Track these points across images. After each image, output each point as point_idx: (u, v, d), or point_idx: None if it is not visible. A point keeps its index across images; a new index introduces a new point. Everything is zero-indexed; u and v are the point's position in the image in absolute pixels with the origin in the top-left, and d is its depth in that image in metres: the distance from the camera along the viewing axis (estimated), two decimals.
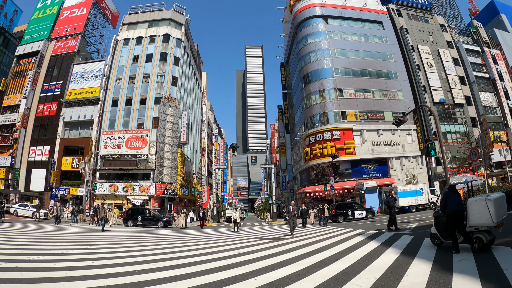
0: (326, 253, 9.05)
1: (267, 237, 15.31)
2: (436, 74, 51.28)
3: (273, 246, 11.29)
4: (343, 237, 13.37)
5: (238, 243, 12.76)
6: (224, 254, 9.55)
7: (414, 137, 45.99)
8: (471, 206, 7.79)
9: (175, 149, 42.72)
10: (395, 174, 43.21)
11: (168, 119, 43.02)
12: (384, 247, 9.51)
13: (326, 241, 12.30)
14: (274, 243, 12.25)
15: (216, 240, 14.48)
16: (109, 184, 42.23)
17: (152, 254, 9.72)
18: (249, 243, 12.79)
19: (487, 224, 7.47)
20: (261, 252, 9.77)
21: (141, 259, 8.72)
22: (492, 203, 7.36)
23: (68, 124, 48.60)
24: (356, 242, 11.17)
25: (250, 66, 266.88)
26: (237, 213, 21.91)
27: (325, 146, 41.65)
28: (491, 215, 7.33)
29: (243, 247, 11.30)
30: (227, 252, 10.11)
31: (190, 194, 49.57)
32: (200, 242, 13.56)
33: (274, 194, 44.11)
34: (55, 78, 52.03)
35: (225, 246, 11.89)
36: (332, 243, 11.53)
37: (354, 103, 45.49)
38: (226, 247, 11.41)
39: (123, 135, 43.22)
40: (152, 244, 12.71)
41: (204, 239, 15.43)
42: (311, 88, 47.33)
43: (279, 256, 8.93)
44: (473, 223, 7.73)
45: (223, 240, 14.70)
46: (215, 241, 13.97)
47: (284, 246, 11.10)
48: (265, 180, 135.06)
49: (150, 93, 46.04)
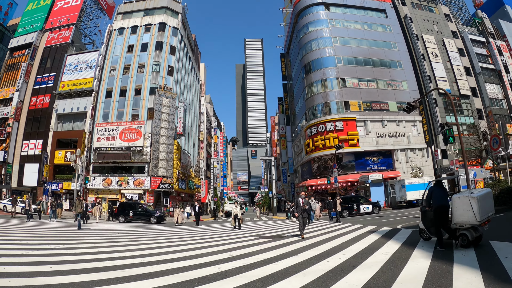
0: (339, 257, 7.38)
1: (266, 235, 13.64)
2: (441, 64, 49.97)
3: (274, 247, 9.61)
4: (354, 235, 11.71)
5: (232, 243, 11.10)
6: (212, 258, 7.88)
7: (420, 129, 44.39)
8: (455, 203, 7.62)
9: (171, 141, 41.00)
10: (400, 166, 41.61)
11: (163, 110, 41.29)
12: (408, 249, 7.86)
13: (335, 240, 10.63)
14: (275, 243, 10.58)
15: (209, 239, 12.82)
16: (103, 178, 40.62)
17: (124, 257, 8.00)
18: (245, 242, 11.11)
19: (470, 222, 7.31)
20: (258, 256, 8.08)
21: (105, 264, 7.03)
22: (476, 201, 7.16)
23: (61, 116, 47.03)
24: (371, 242, 9.51)
25: (250, 59, 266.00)
26: (238, 207, 18.94)
27: (327, 137, 39.92)
28: (474, 213, 7.14)
29: (237, 248, 9.63)
30: (217, 255, 8.43)
31: (188, 188, 47.91)
32: (189, 242, 11.89)
33: (274, 187, 42.49)
34: (48, 69, 50.43)
35: (217, 246, 10.20)
36: (342, 243, 9.87)
37: (358, 93, 43.75)
38: (218, 248, 9.74)
39: (117, 127, 41.53)
40: (132, 243, 11.06)
41: (194, 237, 13.76)
42: (312, 77, 45.52)
43: (280, 261, 7.26)
44: (457, 220, 7.56)
45: (216, 239, 13.04)
46: (207, 240, 12.31)
47: (287, 247, 9.43)
48: (265, 174, 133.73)
49: (145, 83, 44.27)
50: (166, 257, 8.13)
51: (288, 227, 17.74)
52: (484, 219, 7.29)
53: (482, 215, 7.16)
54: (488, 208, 7.53)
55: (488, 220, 7.51)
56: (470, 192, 7.64)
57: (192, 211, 33.30)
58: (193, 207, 21.91)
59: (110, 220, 27.55)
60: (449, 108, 47.61)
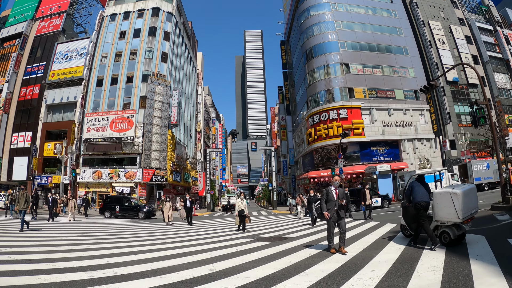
0: (368, 279, 5.07)
1: (265, 236, 11.36)
2: (448, 51, 48.17)
3: (273, 256, 7.33)
4: (374, 238, 9.41)
5: (219, 248, 8.78)
6: (186, 275, 5.58)
7: (427, 118, 42.15)
8: (436, 199, 7.26)
9: (165, 131, 38.66)
10: (407, 157, 39.37)
11: (156, 98, 38.92)
12: (461, 260, 5.56)
13: (353, 246, 8.32)
14: (275, 249, 8.28)
15: (193, 240, 10.55)
16: (93, 170, 38.45)
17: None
18: (236, 247, 8.79)
19: (452, 220, 6.94)
20: (249, 272, 5.77)
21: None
22: (458, 197, 6.78)
23: (51, 107, 44.91)
24: (402, 250, 7.20)
25: (249, 51, 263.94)
26: (243, 200, 14.10)
27: (330, 126, 37.55)
28: (456, 210, 6.78)
29: (223, 258, 7.28)
30: (192, 269, 6.12)
31: (183, 180, 45.65)
32: (165, 246, 9.61)
33: (274, 180, 40.26)
34: (38, 59, 48.37)
35: (197, 254, 7.84)
36: (364, 251, 7.57)
37: (362, 79, 41.34)
38: (197, 257, 7.39)
39: (108, 117, 39.22)
40: (76, 255, 8.78)
41: (174, 239, 11.48)
42: (314, 63, 43.04)
43: (280, 283, 4.95)
44: (439, 217, 7.21)
45: (202, 240, 10.75)
46: (190, 243, 10.04)
47: (291, 257, 7.15)
48: (265, 167, 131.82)
49: (137, 70, 41.89)
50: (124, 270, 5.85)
51: (291, 224, 15.50)
52: (467, 217, 6.88)
53: (464, 212, 6.75)
54: (471, 205, 7.09)
55: (471, 218, 7.11)
56: (452, 188, 7.19)
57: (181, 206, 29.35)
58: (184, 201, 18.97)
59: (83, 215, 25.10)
60: (456, 97, 46.19)
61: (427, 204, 7.28)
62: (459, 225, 7.05)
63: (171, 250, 8.61)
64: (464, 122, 45.58)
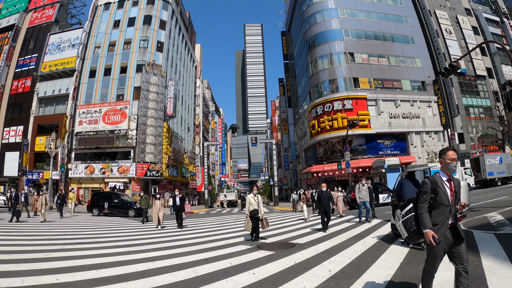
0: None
1: (267, 241, 9.49)
2: (455, 42, 46.67)
3: (280, 277, 5.45)
4: (399, 249, 7.54)
5: (206, 261, 6.82)
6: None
7: (435, 110, 40.34)
8: None
9: (160, 123, 36.75)
10: (415, 151, 37.55)
11: (151, 89, 36.96)
12: None
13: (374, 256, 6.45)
14: (281, 264, 6.39)
15: (175, 248, 8.69)
16: (85, 165, 36.62)
17: None
18: (229, 260, 6.84)
19: None
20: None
21: None
22: None
23: (43, 100, 43.19)
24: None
25: (249, 45, 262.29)
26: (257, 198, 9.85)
27: (335, 117, 35.61)
28: None
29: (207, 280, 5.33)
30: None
31: (180, 175, 43.76)
32: (130, 258, 7.72)
33: (275, 175, 38.37)
34: (30, 51, 46.70)
35: (174, 272, 5.90)
36: (393, 265, 5.71)
37: (368, 69, 39.39)
38: (171, 279, 5.47)
39: (100, 109, 37.31)
40: None
41: (153, 245, 9.59)
42: (317, 52, 41.02)
43: None
44: None
45: (188, 247, 8.88)
46: (170, 252, 8.17)
47: (305, 279, 5.28)
48: (265, 161, 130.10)
49: (131, 60, 39.92)
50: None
51: (297, 225, 13.64)
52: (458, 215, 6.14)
53: None
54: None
55: (462, 216, 6.78)
56: None
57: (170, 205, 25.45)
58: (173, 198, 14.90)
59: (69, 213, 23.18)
60: (464, 89, 44.72)
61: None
62: None
63: (140, 264, 6.59)
64: (473, 115, 44.09)
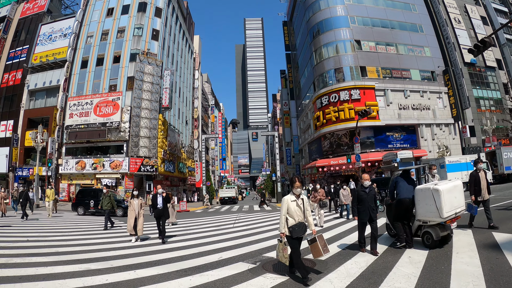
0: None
1: (275, 258, 7.33)
2: (465, 31, 44.49)
3: None
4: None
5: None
6: None
7: (446, 101, 38.19)
8: (417, 196, 6.59)
9: (155, 115, 34.53)
10: (426, 144, 35.42)
11: (146, 79, 34.74)
12: None
13: None
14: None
15: (138, 266, 6.53)
16: (76, 160, 34.48)
17: None
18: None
19: (434, 219, 6.28)
20: None
21: None
22: (440, 194, 6.05)
23: (33, 93, 41.32)
24: None
25: (249, 40, 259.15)
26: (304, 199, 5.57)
27: (341, 108, 33.38)
28: (437, 208, 6.08)
29: None
30: None
31: (178, 171, 41.59)
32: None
33: (278, 169, 36.19)
34: (22, 42, 44.83)
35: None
36: None
37: (375, 57, 37.15)
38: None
39: (91, 100, 35.15)
40: None
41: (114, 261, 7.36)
42: (321, 40, 38.72)
43: None
44: (420, 216, 6.59)
45: (163, 269, 6.76)
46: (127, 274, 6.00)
47: None
48: (266, 157, 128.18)
49: (125, 49, 37.66)
50: None
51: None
52: (451, 216, 6.20)
53: (447, 211, 6.06)
54: (456, 203, 6.33)
55: (456, 217, 6.48)
56: (435, 184, 6.42)
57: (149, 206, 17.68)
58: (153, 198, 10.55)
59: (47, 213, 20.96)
60: (475, 80, 42.78)
61: (411, 201, 6.75)
62: (443, 225, 6.44)
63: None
64: (483, 107, 42.08)
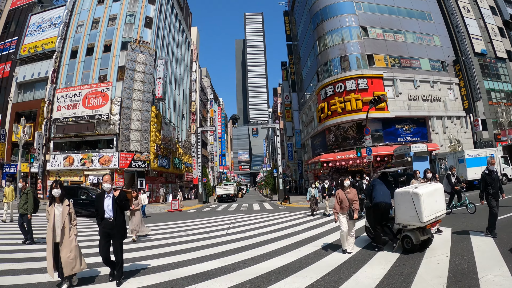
0: None
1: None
2: (474, 20, 41.98)
3: None
4: None
5: None
6: None
7: (457, 93, 35.95)
8: (396, 199, 6.41)
9: (147, 107, 32.27)
10: (437, 138, 33.15)
11: (138, 68, 32.48)
12: None
13: None
14: None
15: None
16: (64, 156, 32.31)
17: None
18: None
19: (413, 223, 6.02)
20: None
21: None
22: (419, 197, 5.82)
23: (22, 85, 39.43)
24: None
25: (250, 34, 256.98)
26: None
27: (347, 99, 31.05)
28: (417, 212, 5.84)
29: None
30: None
31: (173, 166, 39.33)
32: None
33: (280, 164, 33.95)
34: (11, 34, 43.14)
35: None
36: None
37: (383, 45, 34.82)
38: None
39: (80, 91, 32.95)
40: None
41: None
42: (325, 26, 36.35)
43: None
44: (400, 219, 6.37)
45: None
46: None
47: None
48: (267, 152, 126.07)
49: (116, 37, 35.52)
50: None
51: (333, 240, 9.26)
52: (431, 221, 5.94)
53: (427, 214, 5.80)
54: (436, 207, 6.09)
55: (436, 221, 6.24)
56: (414, 187, 6.28)
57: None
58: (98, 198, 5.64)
59: None
60: (485, 71, 40.39)
61: (387, 205, 6.52)
62: (423, 229, 6.07)
63: None
64: (494, 100, 39.88)
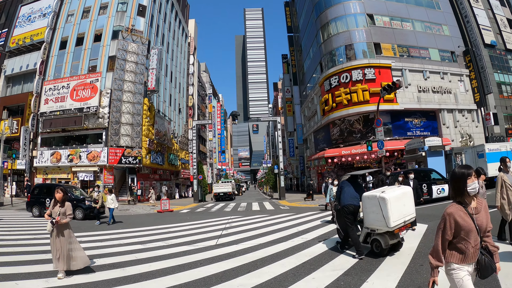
0: None
1: None
2: (483, 11, 39.97)
3: None
4: None
5: None
6: None
7: (467, 85, 34.00)
8: (364, 203, 6.26)
9: (139, 99, 30.22)
10: (447, 132, 31.17)
11: (129, 58, 30.45)
12: None
13: None
14: None
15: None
16: (51, 152, 30.35)
17: None
18: None
19: (381, 227, 5.79)
20: None
21: None
22: (386, 202, 5.57)
23: (10, 79, 37.63)
24: None
25: (249, 30, 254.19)
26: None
27: (354, 90, 29.01)
28: (384, 216, 5.60)
29: None
30: None
31: (168, 163, 37.33)
32: None
33: (281, 160, 31.95)
34: (1, 26, 41.22)
35: None
36: None
37: (390, 33, 32.80)
38: None
39: (68, 83, 30.97)
40: None
41: None
42: (329, 14, 34.29)
43: None
44: (368, 223, 6.17)
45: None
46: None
47: None
48: (267, 149, 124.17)
49: (107, 26, 33.47)
50: None
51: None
52: (399, 225, 5.69)
53: (394, 219, 5.55)
54: (404, 211, 5.83)
55: (405, 226, 5.91)
56: (382, 191, 5.94)
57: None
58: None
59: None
60: (495, 63, 38.35)
61: (356, 208, 6.44)
62: (393, 233, 5.78)
63: None
64: (505, 93, 37.98)
